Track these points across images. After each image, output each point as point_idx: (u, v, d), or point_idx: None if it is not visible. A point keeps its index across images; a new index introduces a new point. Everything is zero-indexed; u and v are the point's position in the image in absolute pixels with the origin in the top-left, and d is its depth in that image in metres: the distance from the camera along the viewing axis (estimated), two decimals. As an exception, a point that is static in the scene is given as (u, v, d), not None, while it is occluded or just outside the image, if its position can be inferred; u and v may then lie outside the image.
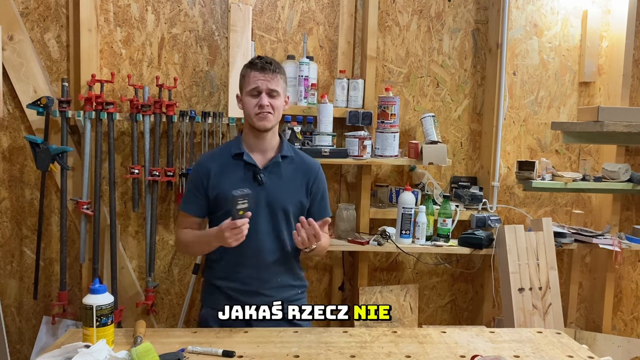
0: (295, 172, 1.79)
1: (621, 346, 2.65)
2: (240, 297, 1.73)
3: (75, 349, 1.34)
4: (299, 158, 1.83)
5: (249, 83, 1.70)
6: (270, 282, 1.75)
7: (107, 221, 2.63)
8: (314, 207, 1.82)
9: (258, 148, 1.76)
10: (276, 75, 1.70)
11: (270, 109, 1.69)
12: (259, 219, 1.70)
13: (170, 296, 2.84)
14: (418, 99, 2.89)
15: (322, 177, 1.85)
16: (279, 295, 1.75)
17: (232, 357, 1.42)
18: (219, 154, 1.80)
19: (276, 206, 1.73)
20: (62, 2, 2.61)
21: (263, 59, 1.71)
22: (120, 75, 2.67)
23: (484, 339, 1.62)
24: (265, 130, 1.71)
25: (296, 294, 1.82)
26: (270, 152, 1.77)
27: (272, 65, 1.70)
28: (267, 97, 1.68)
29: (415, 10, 2.84)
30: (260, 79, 1.68)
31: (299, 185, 1.78)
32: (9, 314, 2.74)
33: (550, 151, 2.98)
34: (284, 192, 1.75)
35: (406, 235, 2.56)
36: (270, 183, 1.73)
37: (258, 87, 1.68)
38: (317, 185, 1.81)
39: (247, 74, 1.72)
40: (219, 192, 1.72)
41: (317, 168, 1.84)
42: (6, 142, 2.66)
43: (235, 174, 1.73)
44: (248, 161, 1.73)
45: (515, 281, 2.48)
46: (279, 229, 1.74)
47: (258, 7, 2.73)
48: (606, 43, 2.93)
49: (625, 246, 2.64)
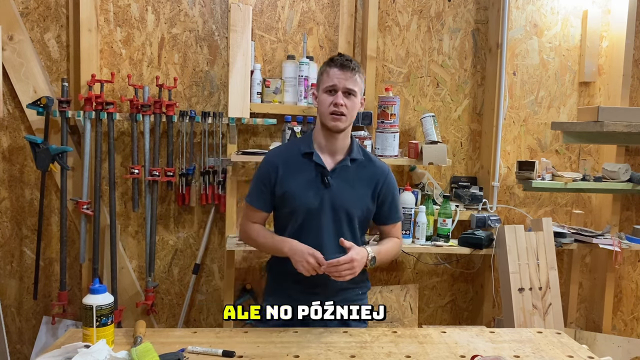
0: (363, 176, 1.75)
1: (621, 346, 2.65)
2: (301, 297, 1.69)
3: (75, 349, 1.33)
4: (369, 161, 1.78)
5: (327, 80, 1.66)
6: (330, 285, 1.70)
7: (107, 221, 2.63)
8: (384, 211, 1.79)
9: (328, 149, 1.72)
10: (355, 75, 1.66)
11: (345, 109, 1.64)
12: (322, 221, 1.69)
13: (170, 296, 2.84)
14: (418, 99, 2.89)
15: (392, 180, 1.81)
16: (339, 296, 1.73)
17: (232, 357, 1.42)
18: (287, 151, 1.77)
19: (340, 210, 1.70)
20: (62, 2, 2.61)
21: (343, 56, 1.67)
22: (120, 75, 2.67)
23: (484, 339, 1.61)
24: (337, 131, 1.68)
25: (357, 295, 1.80)
26: (340, 154, 1.73)
27: (351, 63, 1.65)
28: (342, 97, 1.64)
29: (415, 10, 2.84)
30: (338, 76, 1.64)
31: (366, 190, 1.75)
32: (9, 314, 2.74)
33: (550, 151, 2.98)
34: (349, 197, 1.71)
35: (406, 235, 2.56)
36: (336, 186, 1.70)
37: (335, 85, 1.64)
38: (386, 189, 1.77)
39: (326, 70, 1.68)
40: (286, 191, 1.70)
41: (386, 172, 1.79)
42: (6, 142, 2.66)
43: (303, 174, 1.70)
44: (317, 162, 1.70)
45: (515, 281, 2.48)
46: (341, 233, 1.70)
47: (258, 7, 2.73)
48: (606, 43, 2.93)
49: (625, 246, 2.64)
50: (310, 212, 1.69)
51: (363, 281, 1.82)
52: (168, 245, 2.80)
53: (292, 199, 1.69)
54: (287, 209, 1.72)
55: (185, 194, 2.66)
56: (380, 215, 1.80)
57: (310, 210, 1.69)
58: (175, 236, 2.79)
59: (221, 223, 2.76)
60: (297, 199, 1.69)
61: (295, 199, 1.69)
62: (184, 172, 2.64)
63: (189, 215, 2.79)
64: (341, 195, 1.70)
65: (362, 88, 1.72)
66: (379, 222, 1.82)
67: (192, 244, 2.80)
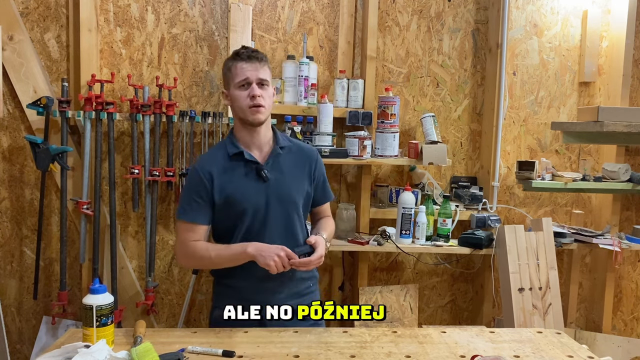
0: (295, 161, 1.75)
1: (621, 346, 2.65)
2: (254, 295, 1.68)
3: (75, 349, 1.33)
4: (296, 147, 1.79)
5: (237, 75, 1.63)
6: (283, 276, 1.67)
7: (107, 221, 2.63)
8: (318, 192, 1.80)
9: (254, 144, 1.70)
10: (264, 65, 1.65)
11: (263, 100, 1.62)
12: (270, 216, 1.68)
13: (170, 296, 2.84)
14: (418, 99, 2.89)
15: (321, 161, 1.82)
16: (291, 289, 1.73)
17: (232, 357, 1.42)
18: (215, 157, 1.71)
19: (285, 200, 1.70)
20: (62, 2, 2.61)
21: (248, 48, 1.65)
22: (120, 75, 2.67)
23: (484, 339, 1.61)
24: (259, 123, 1.66)
25: (308, 287, 1.79)
26: (267, 146, 1.72)
27: (258, 54, 1.64)
28: (258, 88, 1.62)
29: (415, 10, 2.84)
30: (249, 69, 1.62)
31: (302, 175, 1.75)
32: (9, 314, 2.74)
33: (550, 151, 2.98)
34: (289, 185, 1.71)
35: (406, 235, 2.56)
36: (274, 178, 1.69)
37: (248, 78, 1.62)
38: (318, 170, 1.79)
39: (234, 65, 1.64)
40: (227, 195, 1.65)
41: (315, 154, 1.81)
42: (6, 142, 2.66)
43: (238, 174, 1.68)
44: (249, 159, 1.68)
45: (515, 281, 2.48)
46: (290, 222, 1.71)
47: (258, 7, 2.73)
48: (606, 43, 2.93)
49: (625, 246, 2.64)
50: (258, 210, 1.67)
51: (311, 271, 1.79)
52: (168, 245, 2.80)
53: (235, 202, 1.65)
54: (231, 214, 1.67)
55: (185, 194, 2.66)
56: (315, 196, 1.80)
57: (257, 208, 1.67)
58: (175, 236, 2.79)
59: (221, 223, 2.76)
60: (242, 201, 1.65)
61: (240, 202, 1.65)
62: (184, 172, 2.64)
63: (189, 215, 2.78)
64: (282, 185, 1.70)
65: (270, 78, 1.70)
66: (314, 203, 1.82)
67: (192, 244, 2.80)
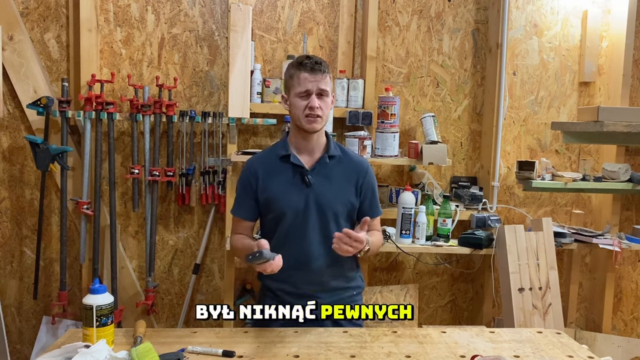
0: (343, 171, 1.75)
1: (621, 346, 2.65)
2: (293, 300, 1.70)
3: (75, 349, 1.33)
4: (347, 157, 1.79)
5: (299, 84, 1.65)
6: (322, 285, 1.72)
7: (107, 221, 2.63)
8: (365, 206, 1.79)
9: (305, 149, 1.72)
10: (326, 76, 1.65)
11: (320, 111, 1.64)
12: (309, 221, 1.69)
13: (170, 296, 2.84)
14: (418, 99, 2.89)
15: (372, 174, 1.81)
16: (331, 298, 1.73)
17: (232, 357, 1.42)
18: (266, 156, 1.76)
19: (325, 208, 1.70)
20: (62, 2, 2.61)
21: (312, 59, 1.65)
22: (120, 75, 2.67)
23: (484, 339, 1.61)
24: (314, 132, 1.68)
25: (351, 296, 1.79)
26: (318, 153, 1.73)
27: (322, 65, 1.65)
28: (317, 99, 1.64)
29: (415, 10, 2.84)
30: (311, 80, 1.63)
31: (348, 185, 1.75)
32: (9, 314, 2.74)
33: (550, 151, 2.98)
34: (332, 193, 1.71)
35: (406, 235, 2.56)
36: (317, 184, 1.69)
37: (309, 90, 1.63)
38: (367, 183, 1.78)
39: (296, 75, 1.66)
40: (268, 195, 1.69)
41: (366, 166, 1.80)
42: (6, 142, 2.66)
43: (283, 177, 1.70)
44: (295, 163, 1.69)
45: (515, 281, 2.48)
46: (328, 231, 1.69)
47: (258, 7, 2.73)
48: (606, 43, 2.93)
49: (625, 246, 2.64)
50: (297, 214, 1.68)
51: (355, 280, 1.82)
52: (168, 245, 2.80)
53: (275, 202, 1.69)
54: (272, 213, 1.71)
55: (185, 193, 2.66)
56: (362, 209, 1.79)
57: (296, 211, 1.68)
58: (175, 236, 2.79)
59: (221, 223, 2.76)
60: (281, 202, 1.68)
61: (279, 202, 1.68)
62: (184, 172, 2.64)
63: (189, 215, 2.79)
64: (324, 192, 1.70)
65: (332, 87, 1.72)
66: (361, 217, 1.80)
67: (192, 244, 2.81)
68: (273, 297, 1.76)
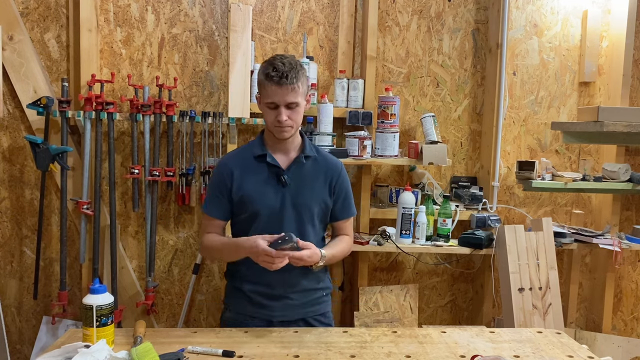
0: (318, 171, 1.75)
1: (621, 346, 2.65)
2: (265, 300, 1.71)
3: (75, 349, 1.34)
4: (322, 157, 1.79)
5: (267, 95, 1.62)
6: (296, 285, 1.73)
7: (107, 221, 2.63)
8: (337, 207, 1.79)
9: (280, 149, 1.72)
10: (294, 86, 1.59)
11: (289, 122, 1.63)
12: (283, 221, 1.69)
13: (170, 296, 2.84)
14: (418, 99, 2.89)
15: (345, 176, 1.82)
16: (303, 298, 1.74)
17: (232, 357, 1.42)
18: (240, 155, 1.76)
19: (301, 208, 1.70)
20: (62, 2, 2.61)
21: (278, 71, 1.57)
22: (120, 75, 2.67)
23: (484, 339, 1.62)
24: (284, 140, 1.69)
25: (320, 297, 1.80)
26: (293, 153, 1.74)
27: (288, 77, 1.57)
28: (285, 111, 1.61)
29: (415, 10, 2.84)
30: (278, 93, 1.59)
31: (323, 185, 1.75)
32: (9, 314, 2.74)
33: (550, 151, 2.98)
34: (308, 193, 1.72)
35: (406, 235, 2.56)
36: (293, 184, 1.70)
37: (275, 103, 1.61)
38: (340, 184, 1.78)
39: (263, 84, 1.62)
40: (243, 194, 1.69)
41: (339, 167, 1.80)
42: (6, 142, 2.66)
43: (259, 176, 1.70)
44: (271, 162, 1.70)
45: (515, 281, 2.48)
46: (304, 231, 1.70)
47: (258, 7, 2.73)
48: (606, 43, 2.93)
49: (625, 246, 2.64)
50: (273, 213, 1.68)
51: (324, 281, 1.83)
52: (168, 245, 2.80)
53: (251, 201, 1.68)
54: (246, 213, 1.70)
55: (185, 193, 2.66)
56: (334, 210, 1.79)
57: (272, 210, 1.68)
58: (175, 236, 2.79)
59: (221, 223, 2.76)
60: (257, 201, 1.68)
61: (254, 201, 1.68)
62: (184, 172, 2.64)
63: (189, 215, 2.79)
64: (300, 192, 1.71)
65: (305, 90, 1.65)
66: (332, 218, 1.82)
67: (192, 244, 2.81)
68: (243, 297, 1.75)
